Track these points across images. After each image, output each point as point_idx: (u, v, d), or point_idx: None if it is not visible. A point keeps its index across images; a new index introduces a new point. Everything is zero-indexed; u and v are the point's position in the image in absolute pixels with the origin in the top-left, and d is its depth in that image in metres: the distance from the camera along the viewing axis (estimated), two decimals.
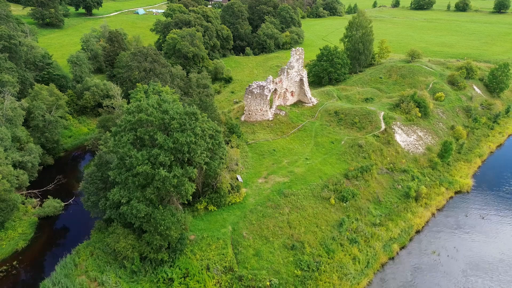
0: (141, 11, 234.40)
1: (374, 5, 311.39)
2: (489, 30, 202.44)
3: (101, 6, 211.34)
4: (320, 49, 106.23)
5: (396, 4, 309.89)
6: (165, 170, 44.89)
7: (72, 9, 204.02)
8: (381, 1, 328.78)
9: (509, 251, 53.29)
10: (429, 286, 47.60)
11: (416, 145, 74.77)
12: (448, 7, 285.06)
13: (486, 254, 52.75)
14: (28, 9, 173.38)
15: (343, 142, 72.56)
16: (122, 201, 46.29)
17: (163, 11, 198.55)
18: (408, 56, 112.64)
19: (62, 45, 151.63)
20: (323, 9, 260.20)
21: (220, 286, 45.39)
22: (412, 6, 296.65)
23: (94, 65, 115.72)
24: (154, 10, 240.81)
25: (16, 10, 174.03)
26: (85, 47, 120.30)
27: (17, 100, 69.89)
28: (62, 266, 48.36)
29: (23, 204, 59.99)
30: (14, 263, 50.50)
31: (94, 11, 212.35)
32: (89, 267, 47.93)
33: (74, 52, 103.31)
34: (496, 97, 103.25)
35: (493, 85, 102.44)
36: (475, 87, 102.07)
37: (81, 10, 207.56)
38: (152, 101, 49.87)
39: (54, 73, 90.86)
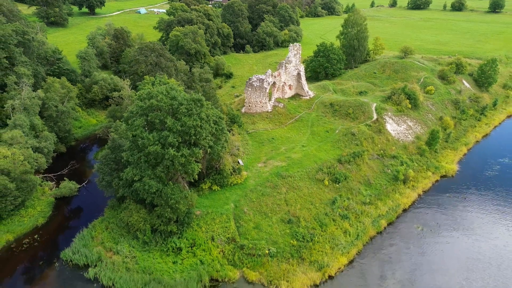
0: (142, 10, 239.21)
1: (372, 5, 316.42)
2: (484, 29, 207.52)
3: (103, 5, 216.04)
4: (317, 46, 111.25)
5: (393, 4, 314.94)
6: (173, 150, 49.80)
7: (75, 8, 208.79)
8: (379, 1, 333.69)
9: (487, 226, 58.44)
10: (414, 255, 52.53)
11: (406, 134, 79.78)
12: (444, 6, 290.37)
13: (467, 230, 57.71)
14: (33, 8, 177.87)
15: (337, 131, 77.51)
16: (135, 178, 51.15)
17: (164, 10, 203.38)
18: (401, 52, 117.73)
19: (67, 43, 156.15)
20: (322, 8, 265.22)
21: (223, 254, 50.37)
22: (409, 6, 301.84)
23: (100, 61, 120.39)
24: (155, 10, 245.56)
25: (21, 9, 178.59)
26: (91, 44, 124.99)
27: (33, 91, 74.64)
28: (80, 238, 53.36)
29: (40, 186, 64.74)
30: (35, 236, 55.33)
31: (97, 10, 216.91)
32: (105, 239, 52.89)
33: (78, 50, 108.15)
34: (484, 91, 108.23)
35: (481, 80, 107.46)
36: (464, 81, 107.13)
37: (84, 9, 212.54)
38: (162, 89, 54.79)
39: (64, 68, 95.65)
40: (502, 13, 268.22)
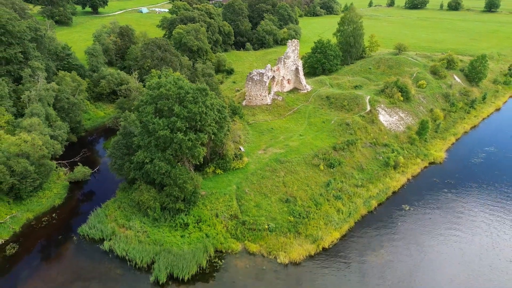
0: (144, 10, 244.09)
1: (370, 5, 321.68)
2: (479, 27, 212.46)
3: (106, 4, 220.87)
4: (315, 42, 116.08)
5: (391, 4, 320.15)
6: (181, 135, 54.54)
7: (79, 7, 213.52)
8: (377, 1, 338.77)
9: (469, 205, 63.71)
10: (401, 230, 57.34)
11: (398, 124, 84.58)
12: (441, 6, 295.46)
13: (450, 209, 62.64)
14: (38, 8, 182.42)
15: (332, 121, 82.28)
16: (146, 161, 55.92)
17: (166, 10, 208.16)
18: (396, 49, 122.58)
19: (72, 41, 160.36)
20: (320, 8, 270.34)
21: (227, 229, 55.18)
22: (407, 5, 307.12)
23: (105, 58, 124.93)
24: (157, 9, 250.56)
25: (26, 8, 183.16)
26: (97, 41, 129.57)
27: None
28: (95, 215, 58.14)
29: (55, 171, 69.34)
30: (53, 215, 60.05)
31: (100, 9, 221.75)
32: (118, 217, 57.63)
33: (87, 47, 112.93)
34: (475, 86, 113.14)
35: (472, 75, 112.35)
36: (455, 76, 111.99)
37: (88, 8, 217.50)
38: (170, 79, 59.57)
39: (73, 63, 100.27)
40: (498, 13, 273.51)
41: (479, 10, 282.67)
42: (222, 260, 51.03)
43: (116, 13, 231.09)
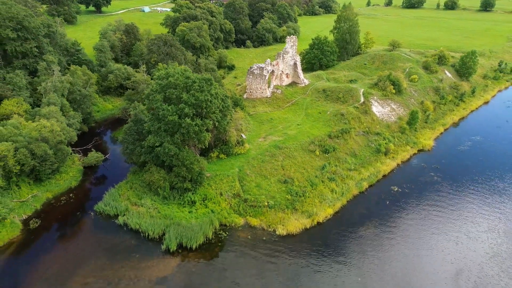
0: (146, 9, 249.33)
1: (368, 4, 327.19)
2: (474, 26, 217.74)
3: (109, 4, 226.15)
4: (312, 39, 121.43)
5: (388, 3, 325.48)
6: (189, 120, 59.83)
7: (83, 7, 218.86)
8: (375, 0, 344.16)
9: (453, 185, 69.27)
10: (390, 208, 62.70)
11: (389, 115, 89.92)
12: (438, 5, 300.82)
13: (435, 188, 68.09)
14: (44, 7, 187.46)
15: (328, 112, 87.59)
16: (156, 144, 61.24)
17: (168, 9, 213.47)
18: (390, 45, 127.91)
19: (77, 39, 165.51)
20: (319, 7, 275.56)
21: (230, 205, 60.54)
22: (404, 5, 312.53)
23: (112, 54, 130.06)
24: (159, 9, 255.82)
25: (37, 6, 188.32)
26: (103, 39, 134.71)
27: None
28: (109, 194, 63.42)
29: (70, 156, 74.55)
30: (71, 195, 65.42)
31: (103, 9, 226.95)
32: (130, 196, 62.94)
33: (89, 45, 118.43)
34: (465, 80, 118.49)
35: (462, 70, 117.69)
36: (446, 71, 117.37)
37: (91, 8, 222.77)
38: (178, 69, 64.87)
39: (83, 58, 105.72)
40: (493, 12, 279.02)
41: (475, 9, 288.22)
42: (226, 232, 56.37)
43: (119, 12, 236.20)
